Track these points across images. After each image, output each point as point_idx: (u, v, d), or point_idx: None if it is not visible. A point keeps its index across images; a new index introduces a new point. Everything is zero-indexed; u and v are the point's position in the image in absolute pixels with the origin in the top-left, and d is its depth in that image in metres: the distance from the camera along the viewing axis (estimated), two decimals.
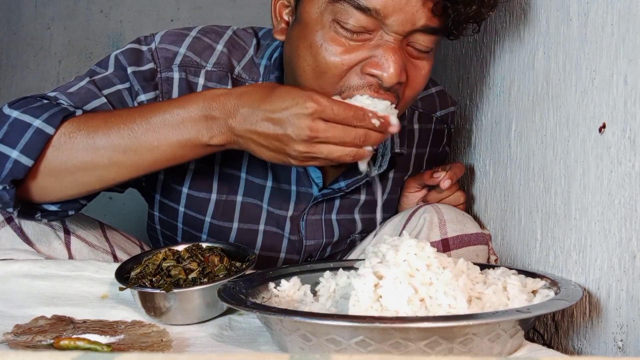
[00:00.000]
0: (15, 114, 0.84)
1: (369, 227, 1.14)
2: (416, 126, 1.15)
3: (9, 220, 0.94)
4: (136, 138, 0.84)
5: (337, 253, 1.16)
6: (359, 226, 1.13)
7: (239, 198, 1.04)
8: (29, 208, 0.89)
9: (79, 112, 0.86)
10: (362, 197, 1.11)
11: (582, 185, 0.80)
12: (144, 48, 0.97)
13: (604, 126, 0.75)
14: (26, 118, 0.83)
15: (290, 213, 1.06)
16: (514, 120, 1.01)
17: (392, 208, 1.18)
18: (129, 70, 0.94)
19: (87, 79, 0.95)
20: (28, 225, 0.95)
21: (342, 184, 1.06)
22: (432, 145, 1.19)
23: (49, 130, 0.83)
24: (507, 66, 1.05)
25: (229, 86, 0.97)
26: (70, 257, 0.99)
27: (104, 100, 0.92)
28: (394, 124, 0.85)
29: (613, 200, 0.73)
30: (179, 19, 2.18)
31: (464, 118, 1.25)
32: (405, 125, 1.10)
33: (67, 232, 0.99)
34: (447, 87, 1.38)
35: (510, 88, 1.03)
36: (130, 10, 2.18)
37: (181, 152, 0.86)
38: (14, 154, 0.82)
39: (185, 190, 1.04)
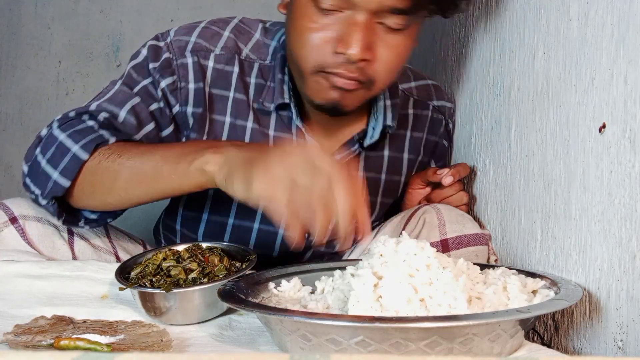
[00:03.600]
0: (62, 136, 0.95)
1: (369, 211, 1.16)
2: (411, 111, 1.18)
3: (13, 220, 0.95)
4: (155, 170, 0.90)
5: (334, 241, 1.18)
6: None
7: None
8: (74, 217, 0.98)
9: (112, 140, 0.94)
10: (359, 173, 1.12)
11: (582, 185, 0.80)
12: (161, 43, 1.05)
13: (604, 126, 0.75)
14: (68, 143, 0.94)
15: None
16: (514, 120, 1.01)
17: (392, 192, 1.19)
18: (150, 66, 1.03)
19: (120, 82, 1.04)
20: (32, 226, 0.96)
21: (337, 157, 1.08)
22: (429, 132, 1.21)
23: (84, 156, 0.92)
24: (507, 66, 1.05)
25: (236, 67, 1.06)
26: (74, 257, 1.00)
27: (137, 99, 1.01)
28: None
29: (613, 200, 0.73)
30: (179, 19, 2.18)
31: (464, 118, 1.25)
32: (400, 111, 1.14)
33: (70, 233, 1.00)
34: (447, 87, 1.38)
35: (510, 88, 1.03)
36: (130, 10, 2.18)
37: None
38: (55, 175, 0.93)
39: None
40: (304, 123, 1.06)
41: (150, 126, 1.01)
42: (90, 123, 0.96)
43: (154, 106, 1.02)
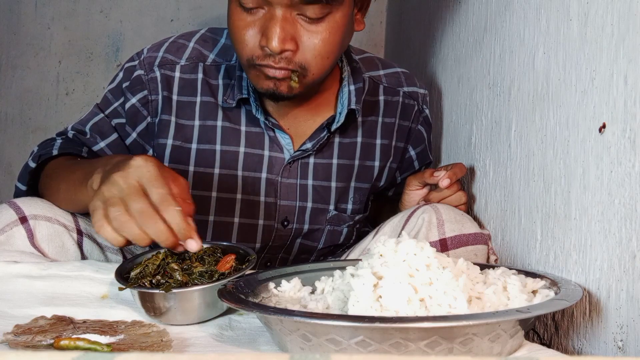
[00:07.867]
0: (34, 150, 1.11)
1: (343, 198, 1.21)
2: (381, 97, 1.23)
3: (22, 220, 0.95)
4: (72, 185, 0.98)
5: (318, 226, 1.21)
6: (334, 195, 1.19)
7: (216, 171, 1.14)
8: None
9: (54, 152, 1.08)
10: (334, 161, 1.19)
11: (582, 185, 0.80)
12: (135, 62, 1.15)
13: (604, 126, 0.75)
14: (30, 156, 1.10)
15: (264, 175, 1.15)
16: (514, 120, 1.01)
17: (365, 177, 1.23)
18: (123, 85, 1.14)
19: (96, 105, 1.17)
20: (42, 226, 0.97)
21: (309, 144, 1.15)
22: (402, 117, 1.25)
23: (32, 164, 1.08)
24: (507, 66, 1.05)
25: (200, 74, 1.14)
26: (83, 256, 1.01)
27: (101, 115, 1.15)
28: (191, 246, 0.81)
29: (613, 200, 0.74)
30: (179, 19, 2.18)
31: (463, 118, 1.25)
32: (370, 98, 1.21)
33: (79, 233, 1.01)
34: (447, 87, 1.38)
35: (510, 88, 1.03)
36: (130, 10, 2.18)
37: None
38: (17, 181, 1.10)
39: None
40: (275, 114, 1.14)
41: (114, 136, 1.13)
42: (58, 140, 1.12)
43: (115, 121, 1.14)
